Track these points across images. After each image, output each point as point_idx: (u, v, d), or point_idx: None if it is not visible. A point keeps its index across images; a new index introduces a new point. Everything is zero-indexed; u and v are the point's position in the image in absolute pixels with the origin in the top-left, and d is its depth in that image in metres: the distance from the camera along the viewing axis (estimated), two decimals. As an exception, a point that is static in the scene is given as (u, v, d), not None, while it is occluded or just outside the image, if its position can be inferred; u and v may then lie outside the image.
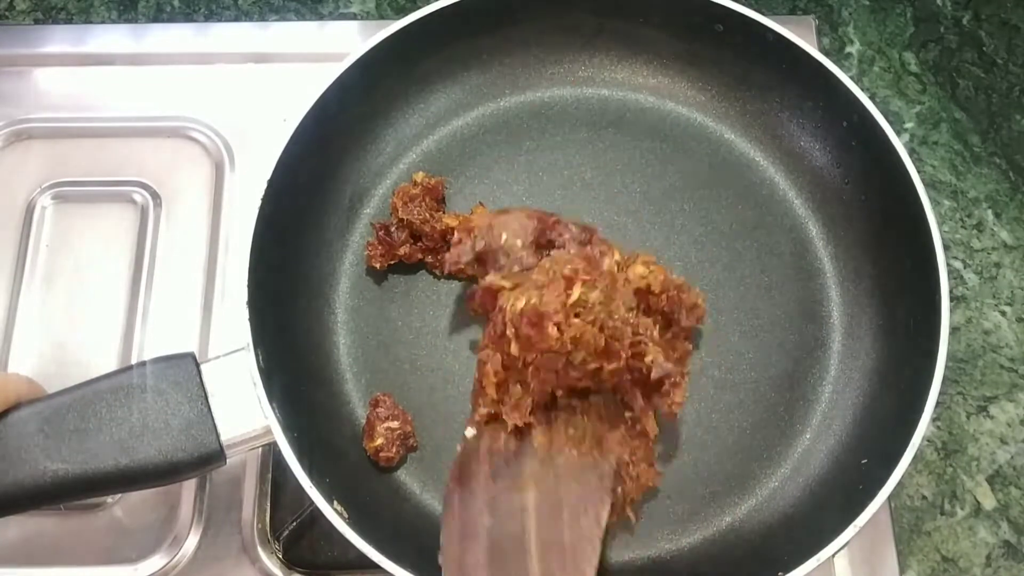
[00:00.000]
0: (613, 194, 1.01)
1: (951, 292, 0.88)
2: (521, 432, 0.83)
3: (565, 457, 0.82)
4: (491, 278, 0.86)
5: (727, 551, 0.88)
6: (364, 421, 0.90)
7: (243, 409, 0.80)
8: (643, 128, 1.05)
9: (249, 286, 0.85)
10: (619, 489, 0.84)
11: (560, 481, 0.80)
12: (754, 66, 1.02)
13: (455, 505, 0.81)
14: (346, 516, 0.79)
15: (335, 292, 0.97)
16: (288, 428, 0.81)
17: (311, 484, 0.79)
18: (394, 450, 0.88)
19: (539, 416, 0.84)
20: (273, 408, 0.80)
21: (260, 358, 0.82)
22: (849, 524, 0.79)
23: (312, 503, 0.79)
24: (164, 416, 0.78)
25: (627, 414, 0.86)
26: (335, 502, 0.79)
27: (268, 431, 0.80)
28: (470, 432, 0.85)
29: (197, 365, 0.81)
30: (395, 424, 0.89)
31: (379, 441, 0.88)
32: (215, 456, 0.79)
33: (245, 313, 0.84)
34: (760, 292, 0.97)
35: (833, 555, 0.79)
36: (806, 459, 0.91)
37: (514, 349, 0.81)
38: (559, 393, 0.84)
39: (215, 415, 0.79)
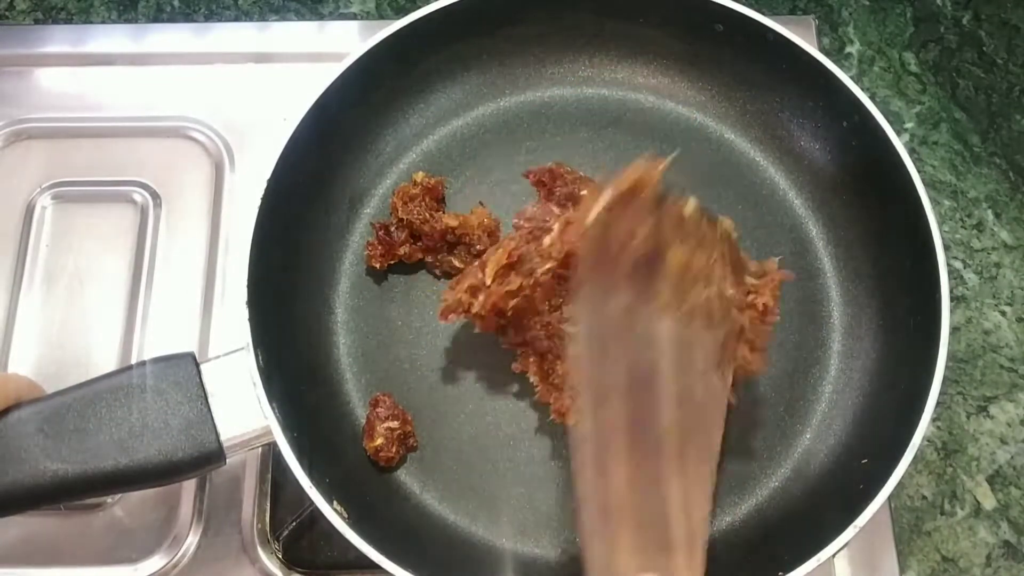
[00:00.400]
0: (613, 194, 1.01)
1: (951, 292, 0.87)
2: (657, 236, 0.72)
3: (696, 294, 0.73)
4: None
5: (727, 551, 0.88)
6: (364, 421, 0.90)
7: (243, 409, 0.80)
8: (643, 128, 1.05)
9: (249, 286, 0.85)
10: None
11: (692, 322, 0.72)
12: (754, 66, 1.02)
13: (588, 294, 0.71)
14: (346, 516, 0.79)
15: (335, 292, 0.97)
16: (288, 428, 0.81)
17: (311, 484, 0.79)
18: (394, 450, 0.88)
19: (672, 228, 0.73)
20: (273, 408, 0.80)
21: (260, 358, 0.82)
22: (849, 524, 0.79)
23: (312, 503, 0.79)
24: (164, 416, 0.78)
25: (747, 279, 0.79)
26: (335, 502, 0.79)
27: (268, 431, 0.80)
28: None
29: (197, 365, 0.81)
30: (395, 424, 0.89)
31: (379, 441, 0.88)
32: (215, 456, 0.79)
33: (245, 313, 0.84)
34: (760, 292, 0.98)
35: (834, 555, 0.79)
36: (806, 459, 0.91)
37: None
38: None
39: (215, 415, 0.79)
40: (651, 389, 0.70)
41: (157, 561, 0.94)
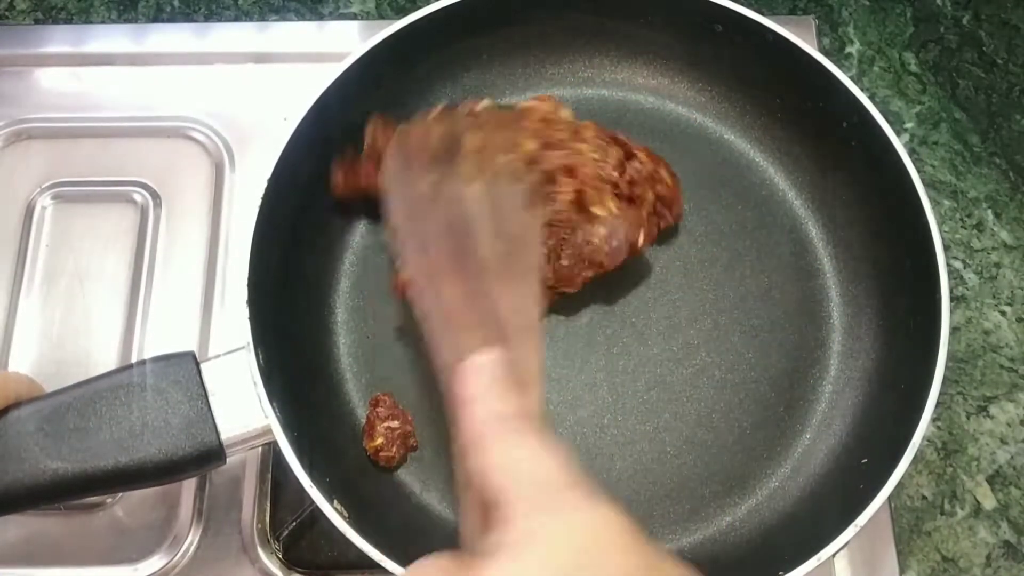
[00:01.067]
0: (613, 193, 1.01)
1: (951, 292, 0.88)
2: (451, 134, 0.83)
3: (496, 163, 0.82)
4: None
5: (728, 551, 0.88)
6: (364, 421, 0.90)
7: (243, 408, 0.80)
8: (643, 128, 1.04)
9: (249, 285, 0.85)
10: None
11: (497, 180, 0.80)
12: (754, 66, 1.02)
13: (398, 182, 0.83)
14: (346, 515, 0.79)
15: (335, 292, 0.97)
16: (288, 427, 0.80)
17: (311, 483, 0.78)
18: (394, 450, 0.88)
19: (466, 120, 0.87)
20: (273, 407, 0.80)
21: (260, 357, 0.82)
22: (850, 523, 0.79)
23: (312, 502, 0.79)
24: (164, 415, 0.78)
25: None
26: (335, 501, 0.79)
27: (268, 430, 0.80)
28: None
29: (197, 364, 0.81)
30: (395, 424, 0.89)
31: (379, 441, 0.88)
32: (215, 455, 0.79)
33: (245, 312, 0.83)
34: (760, 292, 0.98)
35: (834, 554, 0.79)
36: (806, 459, 0.91)
37: None
38: None
39: (215, 414, 0.79)
40: (467, 232, 0.76)
41: (157, 561, 0.94)
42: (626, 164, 0.92)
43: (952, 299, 0.86)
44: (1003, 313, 1.07)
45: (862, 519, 0.79)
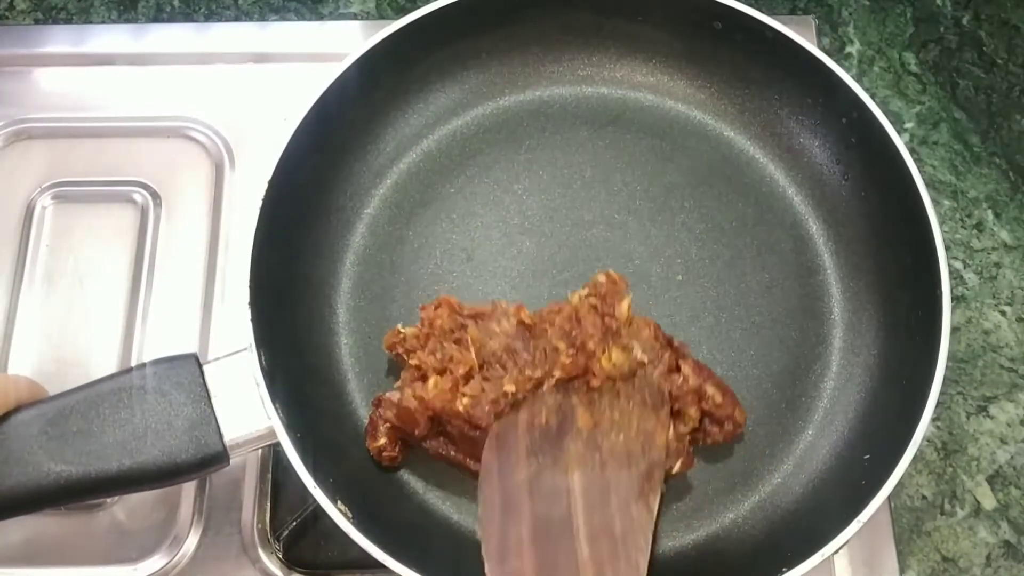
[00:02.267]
0: (613, 192, 1.01)
1: (951, 292, 0.88)
2: (563, 410, 0.81)
3: (611, 442, 0.79)
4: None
5: (731, 548, 0.88)
6: (367, 421, 0.90)
7: (246, 410, 0.80)
8: (643, 126, 1.05)
9: (251, 286, 0.85)
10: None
11: (607, 466, 0.78)
12: (753, 63, 1.03)
13: (494, 474, 0.79)
14: (350, 516, 0.79)
15: (336, 292, 0.97)
16: (291, 428, 0.80)
17: (315, 484, 0.78)
18: (397, 449, 0.88)
19: (581, 396, 0.82)
20: (277, 409, 0.80)
21: (263, 359, 0.82)
22: (853, 519, 0.79)
23: (314, 503, 0.78)
24: (167, 417, 0.78)
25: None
26: (339, 502, 0.79)
27: (271, 432, 0.80)
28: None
29: (200, 366, 0.81)
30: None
31: (382, 441, 0.88)
32: (219, 457, 0.79)
33: (247, 313, 0.83)
34: (761, 289, 0.98)
35: (837, 551, 0.79)
36: (809, 455, 0.92)
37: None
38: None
39: (218, 416, 0.79)
40: (562, 535, 0.75)
41: (157, 561, 0.94)
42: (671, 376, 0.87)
43: (952, 299, 0.87)
44: (1003, 313, 1.07)
45: (865, 515, 0.80)
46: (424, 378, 0.84)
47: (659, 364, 0.85)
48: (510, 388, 0.81)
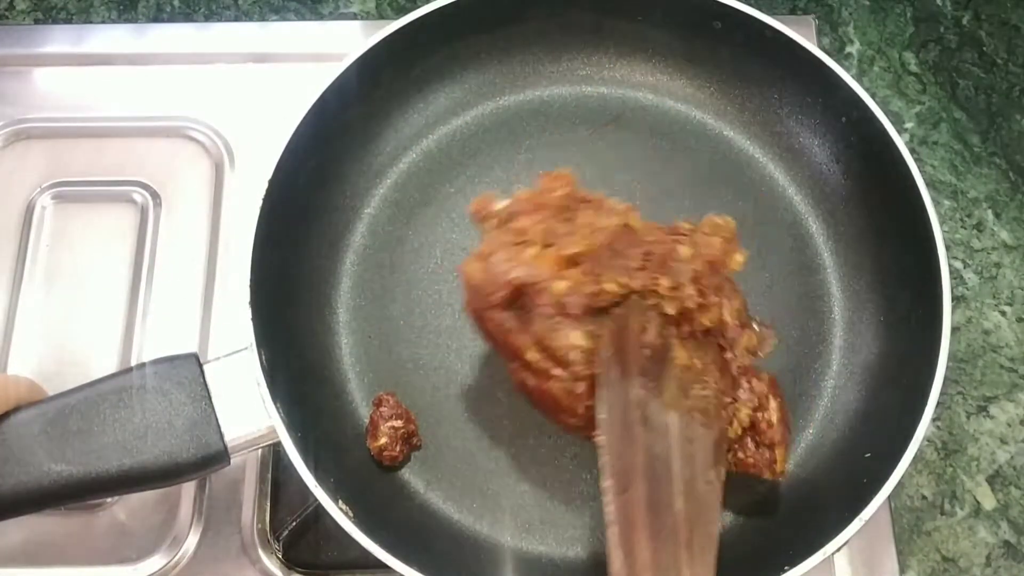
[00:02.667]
0: (613, 192, 0.99)
1: (951, 292, 0.88)
2: (665, 337, 0.77)
3: (695, 393, 0.78)
4: None
5: (733, 547, 0.87)
6: (367, 420, 0.90)
7: (247, 409, 0.80)
8: (642, 126, 1.05)
9: (251, 286, 0.85)
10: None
11: (693, 418, 0.77)
12: (753, 63, 1.03)
13: (613, 381, 0.76)
14: (351, 515, 0.79)
15: (336, 292, 0.97)
16: (292, 428, 0.80)
17: (316, 484, 0.78)
18: (398, 449, 0.88)
19: (672, 329, 0.78)
20: (277, 408, 0.80)
21: (263, 358, 0.82)
22: (854, 518, 0.80)
23: (314, 502, 0.79)
24: (168, 417, 0.78)
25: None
26: (340, 501, 0.79)
27: (272, 431, 0.80)
28: None
29: (200, 365, 0.81)
30: (398, 423, 0.88)
31: (383, 440, 0.88)
32: (219, 457, 0.79)
33: (247, 313, 0.83)
34: (761, 288, 0.98)
35: (838, 549, 0.79)
36: (809, 454, 0.92)
37: None
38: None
39: (219, 415, 0.79)
40: (665, 476, 0.74)
41: (157, 561, 0.94)
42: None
43: (952, 299, 0.87)
44: (1003, 313, 1.07)
45: (866, 513, 0.80)
46: (523, 245, 0.79)
47: (741, 338, 0.81)
48: (611, 287, 0.77)
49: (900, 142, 0.92)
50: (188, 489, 0.97)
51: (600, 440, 0.75)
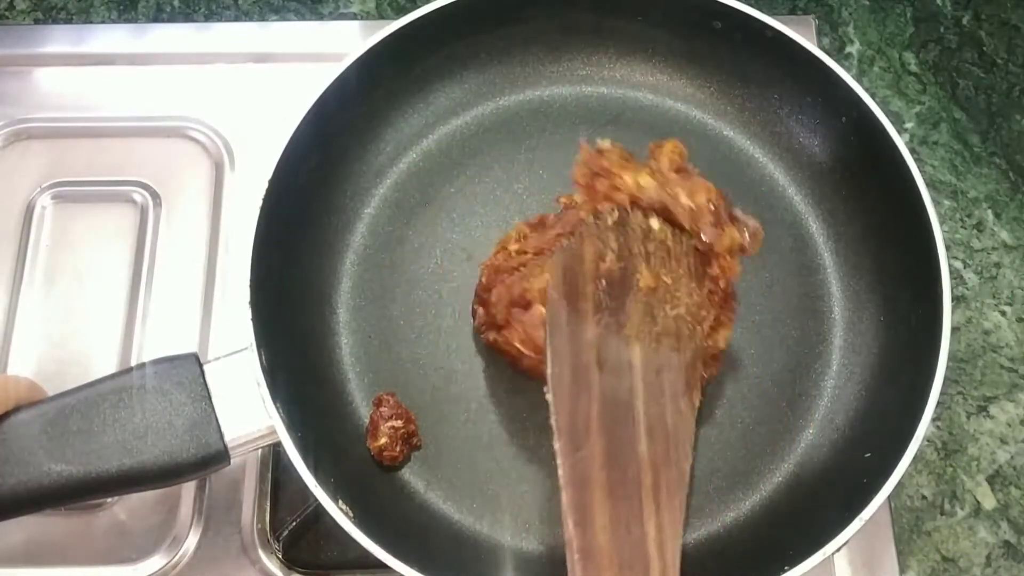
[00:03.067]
0: (613, 192, 1.01)
1: (951, 292, 0.88)
2: (626, 261, 0.77)
3: (665, 315, 0.76)
4: None
5: (732, 546, 0.88)
6: (367, 420, 0.90)
7: (247, 409, 0.80)
8: (642, 125, 1.05)
9: (251, 286, 0.85)
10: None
11: (661, 343, 0.75)
12: (752, 63, 1.03)
13: (562, 326, 0.74)
14: (351, 515, 0.79)
15: (336, 292, 0.97)
16: (292, 428, 0.80)
17: (316, 484, 0.78)
18: (398, 449, 0.88)
19: (639, 246, 0.77)
20: (278, 408, 0.80)
21: (263, 358, 0.82)
22: (854, 517, 0.80)
23: (314, 502, 0.78)
24: (168, 417, 0.78)
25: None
26: (340, 501, 0.79)
27: (272, 431, 0.80)
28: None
29: (200, 365, 0.81)
30: (398, 423, 0.88)
31: (383, 440, 0.88)
32: (219, 457, 0.79)
33: (248, 313, 0.83)
34: (761, 288, 0.98)
35: (838, 549, 0.79)
36: (809, 454, 0.92)
37: None
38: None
39: (219, 415, 0.79)
40: (626, 421, 0.71)
41: (157, 561, 0.94)
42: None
43: (952, 299, 0.87)
44: (1003, 313, 1.07)
45: (866, 513, 0.80)
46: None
47: (722, 238, 0.81)
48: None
49: (900, 142, 0.92)
50: (188, 489, 0.97)
51: (549, 398, 0.73)
